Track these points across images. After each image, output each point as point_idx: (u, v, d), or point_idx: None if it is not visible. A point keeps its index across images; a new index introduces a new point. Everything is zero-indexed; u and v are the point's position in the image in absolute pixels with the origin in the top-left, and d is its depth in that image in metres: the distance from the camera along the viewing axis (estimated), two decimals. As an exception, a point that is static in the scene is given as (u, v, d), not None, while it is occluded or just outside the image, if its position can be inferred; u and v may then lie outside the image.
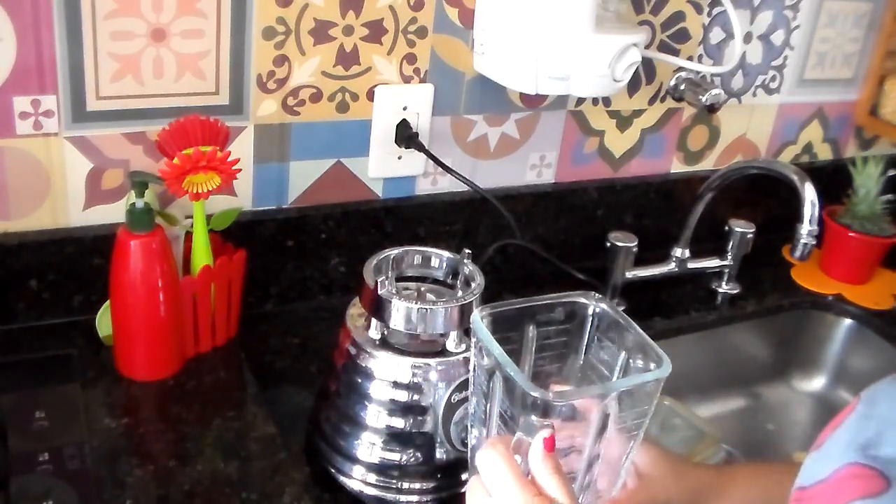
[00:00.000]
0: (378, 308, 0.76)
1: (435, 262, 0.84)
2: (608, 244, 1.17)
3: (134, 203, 0.83)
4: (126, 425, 0.82)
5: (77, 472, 0.75)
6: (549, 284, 1.17)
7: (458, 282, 0.82)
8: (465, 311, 0.76)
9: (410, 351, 0.77)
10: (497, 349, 0.62)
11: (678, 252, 1.24)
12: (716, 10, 1.20)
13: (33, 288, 0.92)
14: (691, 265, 1.24)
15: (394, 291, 0.77)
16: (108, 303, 0.88)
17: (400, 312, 0.75)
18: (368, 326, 0.78)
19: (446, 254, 0.83)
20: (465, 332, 0.78)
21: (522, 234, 1.13)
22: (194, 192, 0.84)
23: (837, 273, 1.32)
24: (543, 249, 1.17)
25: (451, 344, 0.77)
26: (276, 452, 0.81)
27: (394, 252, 0.82)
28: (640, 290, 1.19)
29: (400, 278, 0.83)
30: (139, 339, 0.87)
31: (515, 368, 0.61)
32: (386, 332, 0.78)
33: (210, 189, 0.85)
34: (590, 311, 0.70)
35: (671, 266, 1.24)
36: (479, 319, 0.65)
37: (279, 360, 0.96)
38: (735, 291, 1.26)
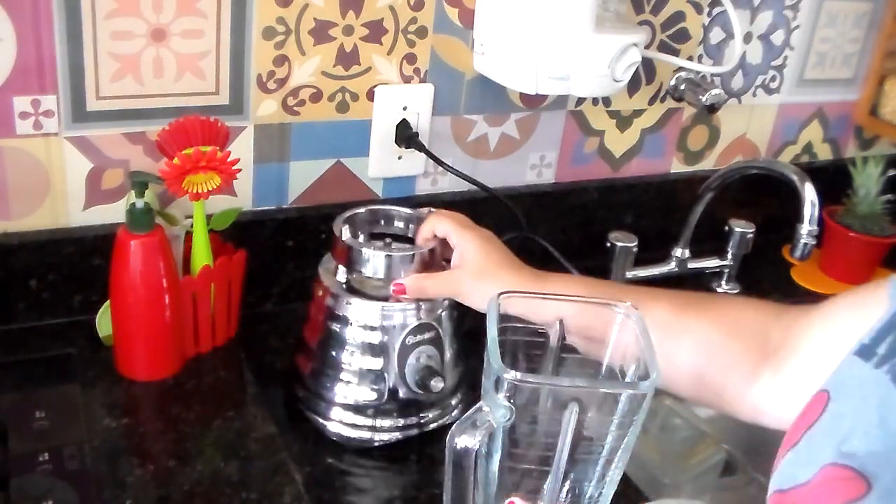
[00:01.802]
0: (348, 258, 0.84)
1: (399, 221, 0.91)
2: (608, 244, 1.17)
3: (134, 203, 0.83)
4: (126, 425, 0.82)
5: (77, 472, 0.75)
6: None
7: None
8: (423, 260, 0.84)
9: (378, 297, 0.84)
10: (492, 329, 0.64)
11: (678, 252, 1.24)
12: (716, 10, 1.20)
13: (33, 288, 0.92)
14: (691, 265, 1.24)
15: (363, 242, 0.86)
16: (108, 303, 0.88)
17: (368, 261, 0.83)
18: (338, 275, 0.86)
19: (408, 210, 0.90)
20: None
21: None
22: (194, 192, 0.84)
23: (837, 273, 1.32)
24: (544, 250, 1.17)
25: None
26: (276, 452, 0.81)
27: (360, 210, 0.89)
28: (640, 290, 1.19)
29: (372, 235, 0.90)
30: (139, 339, 0.87)
31: (495, 345, 0.62)
32: (353, 280, 0.86)
33: (210, 189, 0.85)
34: (617, 321, 0.70)
35: (671, 266, 1.24)
36: (496, 300, 0.67)
37: (279, 360, 0.96)
38: (735, 291, 1.26)
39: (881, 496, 0.47)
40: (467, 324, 0.88)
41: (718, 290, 1.25)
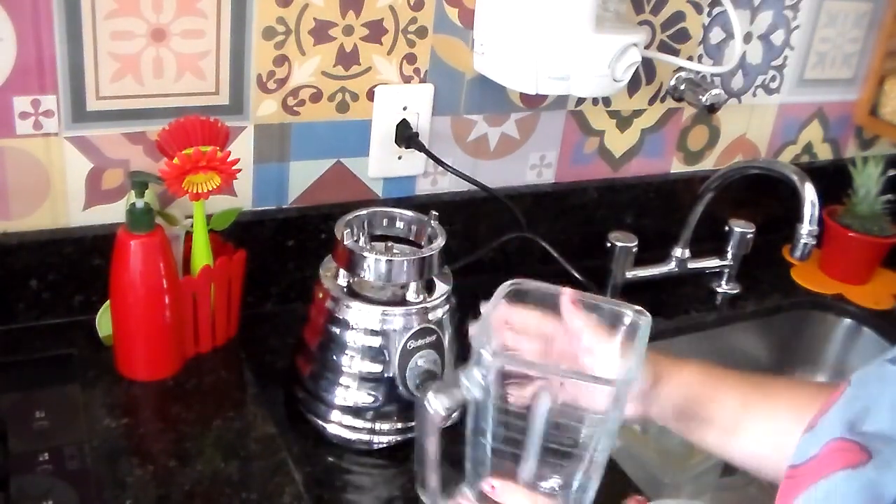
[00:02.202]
0: (349, 261, 0.83)
1: (400, 223, 0.91)
2: (608, 244, 1.17)
3: (134, 203, 0.83)
4: (126, 425, 0.82)
5: (77, 472, 0.75)
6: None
7: (423, 240, 0.90)
8: (424, 264, 0.84)
9: (378, 300, 0.84)
10: (487, 307, 0.68)
11: (678, 252, 1.24)
12: (716, 10, 1.20)
13: (33, 288, 0.92)
14: (691, 265, 1.24)
15: (366, 246, 0.86)
16: (108, 303, 0.88)
17: (369, 265, 0.82)
18: (339, 278, 0.86)
19: (410, 213, 0.91)
20: (425, 284, 0.86)
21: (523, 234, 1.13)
22: (194, 192, 0.84)
23: (837, 273, 1.32)
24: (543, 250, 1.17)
25: (411, 295, 0.84)
26: (276, 452, 0.81)
27: (361, 213, 0.89)
28: (640, 290, 1.19)
29: (373, 237, 0.91)
30: (139, 339, 0.87)
31: (485, 322, 0.66)
32: (354, 283, 0.86)
33: (210, 189, 0.85)
34: (626, 321, 0.71)
35: (671, 266, 1.24)
36: (505, 288, 0.70)
37: (279, 360, 0.96)
38: (735, 291, 1.26)
39: (878, 465, 0.49)
40: (468, 324, 0.88)
41: (718, 290, 1.26)
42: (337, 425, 0.85)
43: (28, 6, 0.83)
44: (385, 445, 0.86)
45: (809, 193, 1.06)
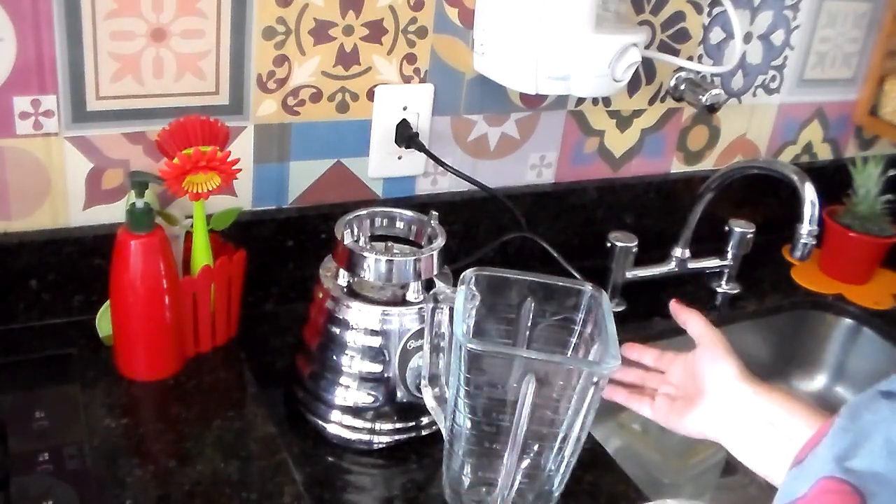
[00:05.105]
0: (349, 261, 0.83)
1: (400, 223, 0.91)
2: (608, 244, 1.17)
3: (134, 203, 0.83)
4: (126, 425, 0.82)
5: (77, 472, 0.75)
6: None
7: (423, 240, 0.90)
8: (424, 265, 0.83)
9: (378, 300, 0.84)
10: (459, 301, 0.72)
11: (678, 252, 1.24)
12: (716, 10, 1.20)
13: (33, 288, 0.92)
14: (691, 265, 1.24)
15: (366, 246, 0.85)
16: (108, 303, 0.88)
17: (370, 265, 0.82)
18: (339, 278, 0.86)
19: (410, 213, 0.91)
20: (425, 284, 0.85)
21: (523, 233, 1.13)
22: (194, 192, 0.84)
23: (837, 273, 1.32)
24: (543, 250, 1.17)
25: (411, 295, 0.84)
26: (276, 452, 0.81)
27: (362, 213, 0.89)
28: (640, 290, 1.19)
29: (373, 237, 0.91)
30: (139, 339, 0.87)
31: (460, 317, 0.70)
32: (354, 283, 0.86)
33: (210, 189, 0.85)
34: (584, 300, 0.78)
35: (671, 266, 1.24)
36: (470, 278, 0.75)
37: (279, 360, 0.96)
38: (735, 291, 1.26)
39: None
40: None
41: (718, 290, 1.26)
42: (337, 425, 0.85)
43: (28, 6, 0.83)
44: (385, 445, 0.86)
45: (809, 193, 1.06)
